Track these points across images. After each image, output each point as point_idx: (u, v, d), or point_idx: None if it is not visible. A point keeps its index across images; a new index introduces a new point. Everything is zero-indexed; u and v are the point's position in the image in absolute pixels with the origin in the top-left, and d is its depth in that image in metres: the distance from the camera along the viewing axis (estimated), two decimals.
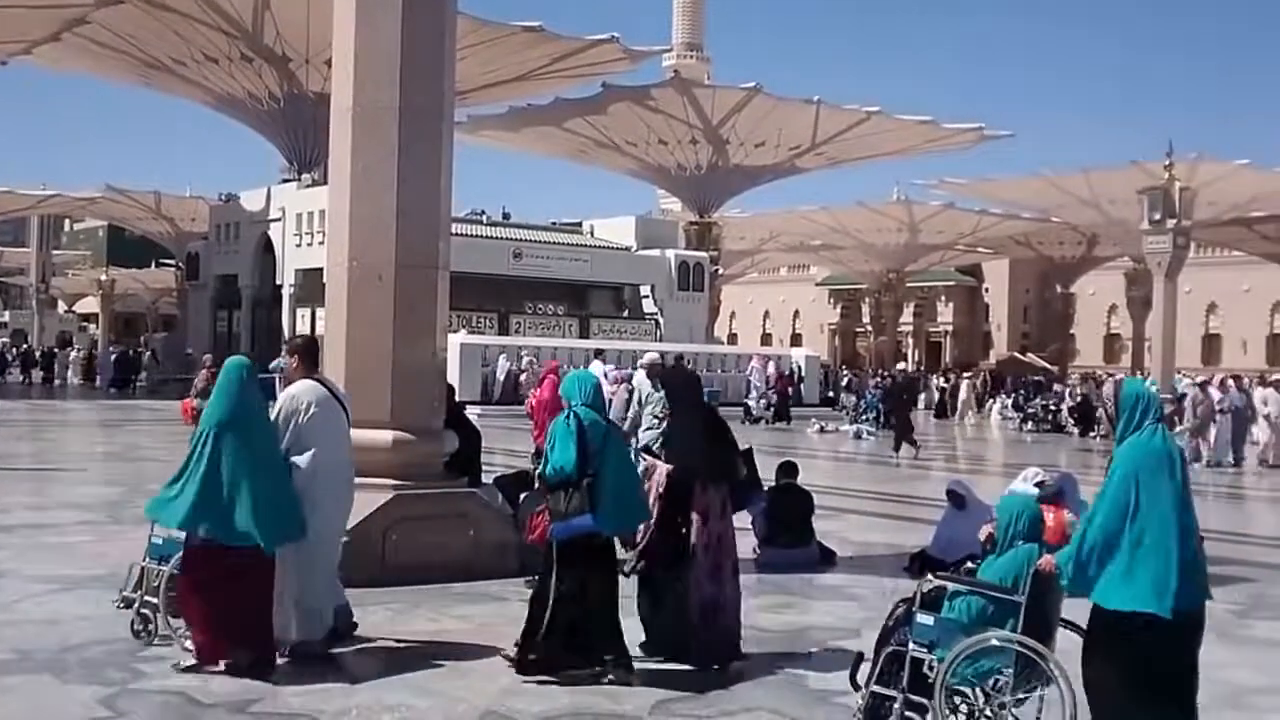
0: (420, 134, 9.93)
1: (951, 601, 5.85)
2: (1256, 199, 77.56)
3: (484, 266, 46.78)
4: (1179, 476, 5.35)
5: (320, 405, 7.45)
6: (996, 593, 5.73)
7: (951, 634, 5.69)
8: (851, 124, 61.55)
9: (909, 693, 5.70)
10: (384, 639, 7.90)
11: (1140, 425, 5.42)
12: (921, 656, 5.71)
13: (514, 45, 52.29)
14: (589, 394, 7.25)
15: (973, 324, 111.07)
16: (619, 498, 7.03)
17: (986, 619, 5.71)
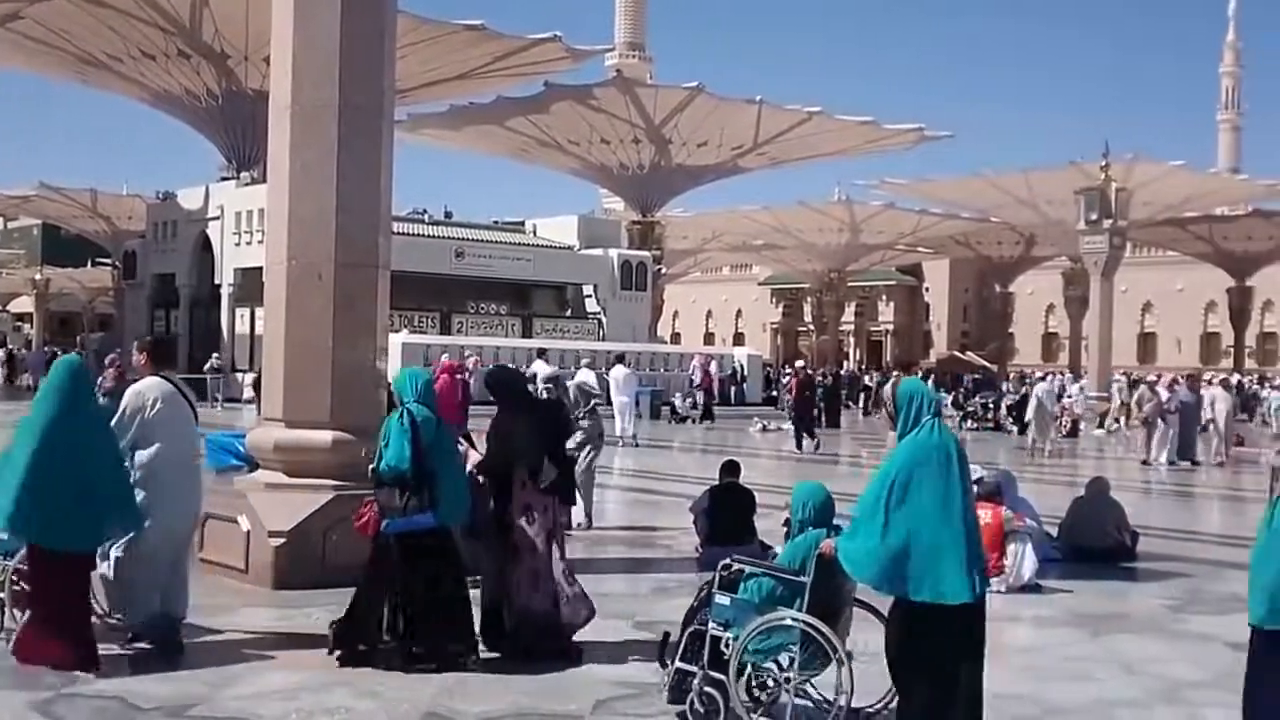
0: (360, 132, 9.86)
1: (746, 583, 6.22)
2: (1190, 199, 78.76)
3: (426, 266, 46.54)
4: (955, 469, 5.58)
5: (165, 401, 7.56)
6: (784, 574, 6.13)
7: (745, 613, 6.06)
8: (793, 124, 61.84)
9: (708, 669, 6.07)
10: (324, 640, 7.83)
11: (918, 421, 5.65)
12: (719, 635, 6.08)
13: (455, 44, 52.06)
14: (421, 390, 7.44)
15: (913, 323, 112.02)
16: (454, 491, 7.33)
17: (776, 599, 6.09)
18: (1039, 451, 27.07)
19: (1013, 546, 10.36)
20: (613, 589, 9.86)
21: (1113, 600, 10.30)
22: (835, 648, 5.89)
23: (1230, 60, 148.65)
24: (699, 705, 6.12)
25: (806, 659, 5.97)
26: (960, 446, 5.79)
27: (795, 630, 5.94)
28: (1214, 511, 18.67)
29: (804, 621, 5.92)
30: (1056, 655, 8.27)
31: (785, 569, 6.19)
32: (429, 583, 7.22)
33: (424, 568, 7.22)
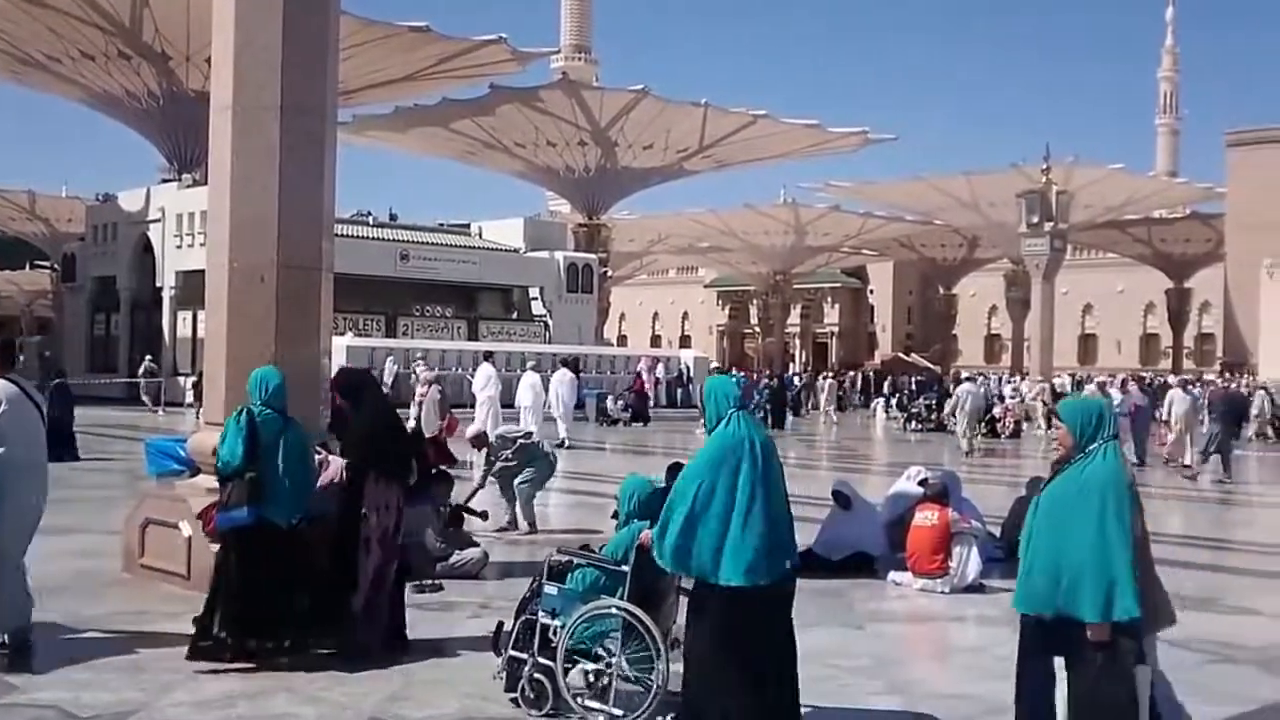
0: (302, 133, 9.78)
1: (573, 573, 6.59)
2: (1129, 202, 79.86)
3: (370, 268, 46.31)
4: (760, 462, 5.82)
5: (11, 403, 7.50)
6: (607, 565, 6.49)
7: (571, 602, 6.41)
8: (738, 127, 62.09)
9: (538, 656, 6.42)
10: None
11: (724, 417, 5.91)
12: (548, 623, 6.44)
13: (400, 45, 51.82)
14: (267, 392, 7.68)
15: (858, 325, 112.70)
16: (292, 489, 7.51)
17: (600, 588, 6.43)
18: (961, 451, 27.22)
19: (958, 548, 10.44)
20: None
21: None
22: (653, 634, 6.11)
23: (1168, 65, 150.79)
24: (529, 691, 6.43)
25: (635, 645, 6.18)
26: (769, 439, 6.03)
27: (617, 618, 6.20)
28: (1161, 511, 18.88)
29: (624, 609, 6.18)
30: (1000, 654, 8.30)
31: (608, 559, 6.52)
32: (245, 578, 7.38)
33: (246, 562, 7.40)
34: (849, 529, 11.31)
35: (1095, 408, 5.38)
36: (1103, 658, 4.92)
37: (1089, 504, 5.01)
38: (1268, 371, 68.89)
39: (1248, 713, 6.94)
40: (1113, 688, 4.92)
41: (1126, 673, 4.91)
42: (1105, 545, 4.92)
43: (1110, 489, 5.03)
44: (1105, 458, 5.14)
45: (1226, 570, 12.29)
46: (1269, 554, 13.63)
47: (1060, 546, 5.02)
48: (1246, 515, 19.12)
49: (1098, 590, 4.90)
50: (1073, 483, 5.14)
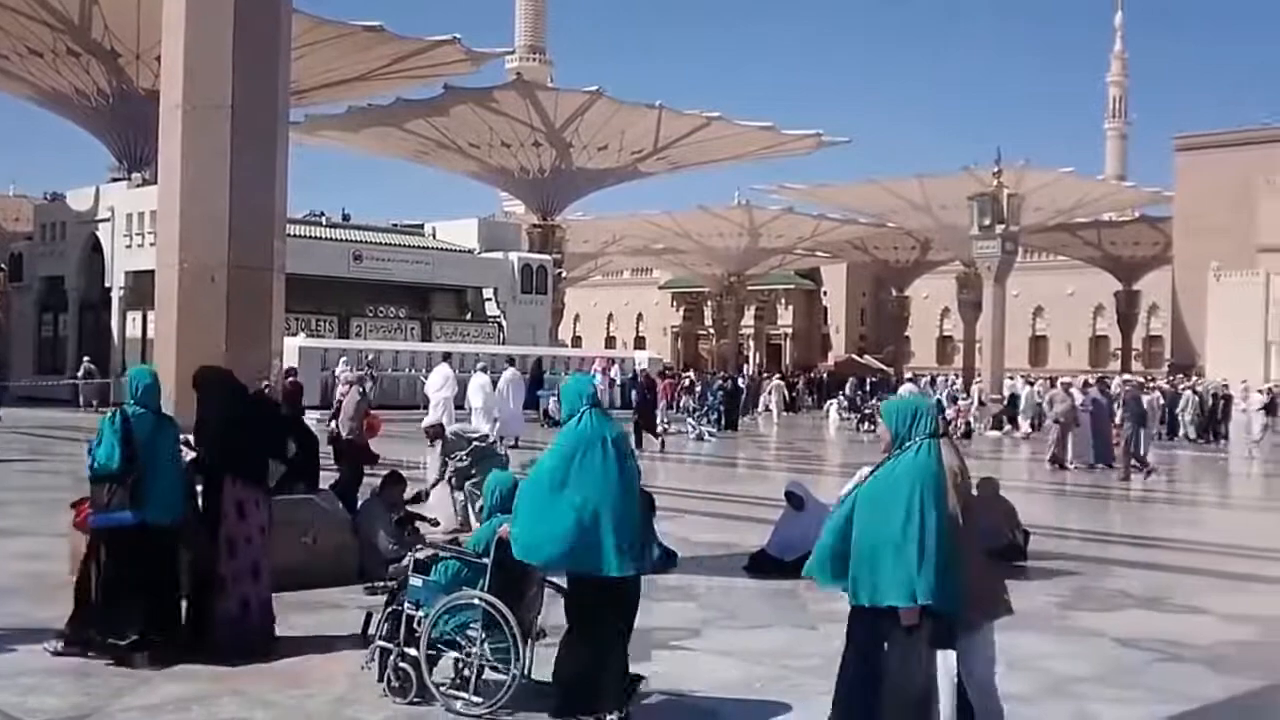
0: (253, 132, 9.72)
1: (437, 566, 6.81)
2: (1079, 206, 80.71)
3: (323, 268, 46.02)
4: (612, 455, 6.21)
5: None
6: (469, 557, 6.74)
7: (435, 594, 6.63)
8: (693, 129, 62.17)
9: (403, 645, 6.62)
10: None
11: (576, 413, 6.31)
12: (413, 614, 6.65)
13: (354, 45, 51.55)
14: (139, 393, 7.73)
15: (812, 326, 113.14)
16: (169, 489, 7.59)
17: (462, 580, 6.67)
18: None
19: None
20: None
21: None
22: (510, 624, 6.36)
23: (1117, 70, 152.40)
24: (394, 680, 6.63)
25: (497, 635, 6.43)
26: (622, 436, 6.42)
27: (478, 608, 6.46)
28: (1100, 510, 19.09)
29: (484, 600, 6.44)
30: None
31: (470, 552, 6.78)
32: (117, 577, 7.44)
33: (118, 562, 7.44)
34: (802, 530, 11.33)
35: (912, 407, 5.58)
36: (909, 640, 5.13)
37: (900, 496, 5.21)
38: (1215, 373, 69.80)
39: (1195, 710, 7.02)
40: (916, 670, 5.11)
41: (930, 656, 5.09)
42: (914, 535, 5.12)
43: (921, 482, 5.22)
44: (919, 453, 5.32)
45: (1174, 570, 12.44)
46: (1215, 553, 13.81)
47: (875, 536, 5.23)
48: (1192, 515, 19.36)
49: (906, 577, 5.10)
50: (887, 476, 5.37)
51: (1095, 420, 24.95)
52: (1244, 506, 21.48)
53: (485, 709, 6.39)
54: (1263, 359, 78.47)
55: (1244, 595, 10.85)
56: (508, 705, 6.36)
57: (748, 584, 10.71)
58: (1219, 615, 9.82)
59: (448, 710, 6.46)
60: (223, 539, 7.70)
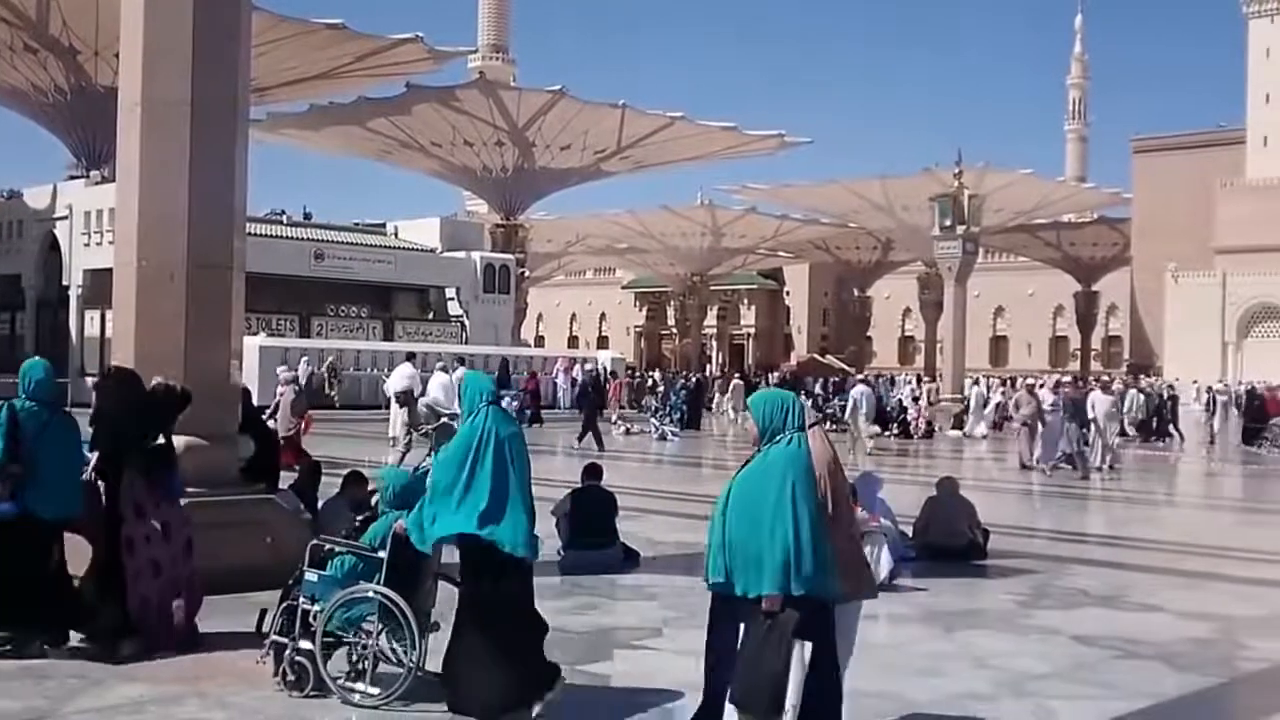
0: (213, 130, 9.65)
1: (333, 560, 6.91)
2: (1040, 207, 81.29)
3: (284, 267, 45.82)
4: (506, 448, 6.37)
5: None
6: (365, 552, 6.84)
7: (331, 588, 6.73)
8: (656, 129, 62.24)
9: (298, 639, 6.70)
10: (173, 651, 7.63)
11: (475, 408, 6.45)
12: (308, 608, 6.73)
13: (315, 42, 51.33)
14: (31, 387, 7.76)
15: (774, 326, 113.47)
16: (59, 483, 7.57)
17: (359, 574, 6.77)
18: (864, 451, 27.33)
19: (869, 547, 10.50)
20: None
21: (965, 597, 10.55)
22: (407, 616, 6.48)
23: (1077, 73, 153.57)
24: (290, 674, 6.69)
25: (393, 628, 6.55)
26: (518, 433, 6.59)
27: (374, 601, 6.57)
28: (1062, 510, 19.22)
29: (380, 593, 6.55)
30: (912, 652, 8.44)
31: (366, 546, 6.86)
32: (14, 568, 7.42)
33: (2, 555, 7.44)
34: None
35: (780, 400, 5.69)
36: (769, 628, 5.24)
37: (770, 489, 5.34)
38: (1172, 372, 70.49)
39: (1153, 707, 7.08)
40: (772, 655, 5.22)
41: (787, 643, 5.21)
42: (783, 527, 5.25)
43: (791, 475, 5.35)
44: (788, 445, 5.46)
45: (1131, 568, 12.54)
46: (1172, 552, 13.94)
47: (745, 528, 5.34)
48: (1150, 513, 19.53)
49: (773, 568, 5.22)
50: (757, 468, 5.50)
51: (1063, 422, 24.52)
52: (1199, 505, 21.68)
53: (381, 700, 6.48)
54: (1220, 359, 79.32)
55: (1200, 593, 10.95)
56: (404, 696, 6.48)
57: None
58: (1175, 613, 9.91)
59: (344, 702, 6.55)
60: (123, 537, 7.67)
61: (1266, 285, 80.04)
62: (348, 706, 6.54)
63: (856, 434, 28.29)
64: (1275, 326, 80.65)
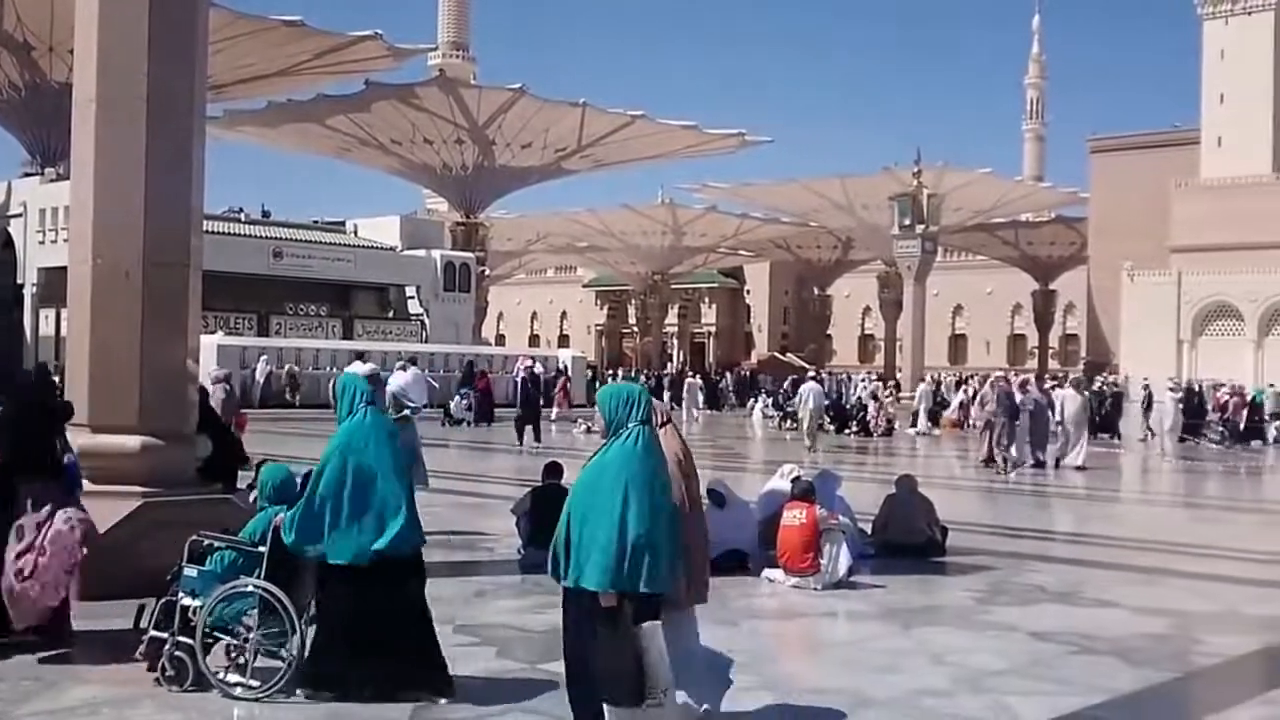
0: (169, 127, 9.57)
1: (212, 555, 6.98)
2: (998, 206, 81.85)
3: (242, 265, 45.52)
4: (385, 447, 6.62)
5: None
6: (244, 546, 6.93)
7: (210, 583, 6.80)
8: (616, 127, 62.25)
9: (178, 635, 6.74)
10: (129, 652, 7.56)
11: (353, 409, 6.65)
12: (188, 604, 6.79)
13: (273, 39, 51.03)
14: None
15: (735, 325, 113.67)
16: None
17: (238, 568, 6.86)
18: (812, 449, 27.48)
19: (828, 545, 10.57)
20: (437, 593, 9.75)
21: (923, 594, 10.61)
22: (288, 610, 6.56)
23: (1035, 73, 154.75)
24: (169, 669, 6.74)
25: (273, 621, 6.62)
26: (395, 431, 6.84)
27: (254, 595, 6.65)
28: (1023, 508, 19.36)
29: (261, 587, 6.64)
30: (870, 649, 8.48)
31: (245, 541, 6.95)
32: None
33: None
34: (723, 527, 11.38)
35: (624, 394, 5.73)
36: (613, 620, 5.31)
37: (610, 482, 5.41)
38: (1129, 370, 71.13)
39: (1108, 702, 7.14)
40: (624, 646, 5.29)
41: (632, 633, 5.28)
42: (619, 520, 5.29)
43: (631, 468, 5.41)
44: (630, 439, 5.50)
45: (1087, 564, 12.65)
46: (1128, 548, 14.07)
47: (585, 521, 5.40)
48: (1104, 510, 19.70)
49: (609, 561, 5.28)
50: (599, 462, 5.57)
51: (1034, 419, 24.53)
52: (1152, 501, 21.89)
53: (262, 692, 6.56)
54: (1175, 357, 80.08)
55: (1154, 589, 11.05)
56: (284, 688, 6.55)
57: None
58: (1130, 608, 10.00)
59: (225, 695, 6.60)
60: (15, 527, 7.63)
61: (1220, 284, 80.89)
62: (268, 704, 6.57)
63: (807, 430, 28.51)
64: (1229, 325, 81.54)
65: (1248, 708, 7.43)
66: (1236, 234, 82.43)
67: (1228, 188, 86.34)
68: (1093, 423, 35.58)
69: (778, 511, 11.13)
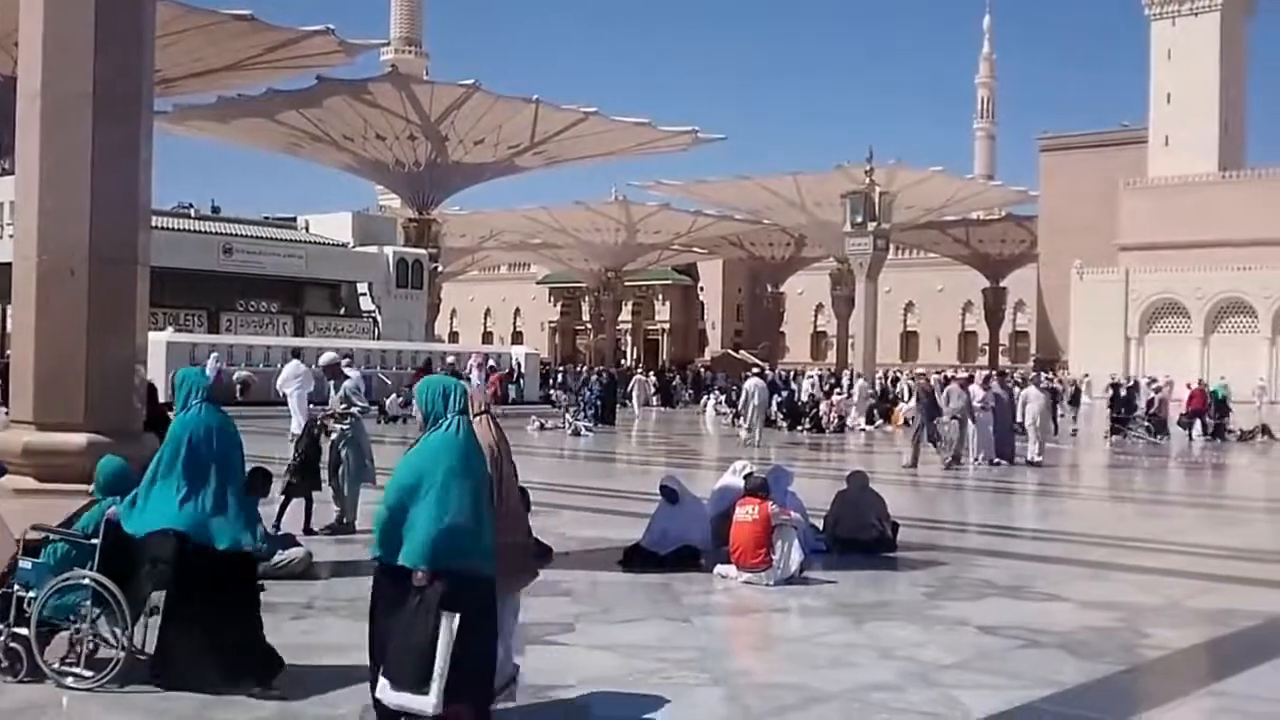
0: (116, 122, 9.45)
1: (46, 548, 7.05)
2: (949, 204, 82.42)
3: (192, 262, 45.14)
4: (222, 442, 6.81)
5: None
6: (78, 539, 6.99)
7: (44, 575, 6.89)
8: (570, 124, 62.11)
9: (13, 626, 6.83)
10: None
11: (187, 404, 6.81)
12: (23, 595, 6.87)
13: (224, 34, 50.52)
14: None
15: (689, 322, 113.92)
16: None
17: (71, 561, 6.94)
18: (752, 444, 27.61)
19: (779, 541, 10.62)
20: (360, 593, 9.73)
21: (874, 589, 10.67)
22: (120, 602, 6.68)
23: (986, 72, 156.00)
24: (4, 660, 6.85)
25: (108, 613, 6.75)
26: (226, 424, 6.99)
27: (89, 587, 6.76)
28: (976, 503, 19.50)
29: (94, 579, 6.75)
30: (821, 643, 8.53)
31: (79, 534, 7.02)
32: None
33: None
34: (676, 523, 11.44)
35: (441, 386, 6.00)
36: (418, 600, 5.55)
37: (428, 469, 5.68)
38: (1078, 367, 71.88)
39: (1054, 695, 7.22)
40: (420, 627, 5.53)
41: (435, 615, 5.50)
42: (435, 505, 5.58)
43: (447, 456, 5.70)
44: (447, 429, 5.80)
45: (1036, 559, 12.77)
46: (1075, 542, 14.23)
47: (401, 503, 5.66)
48: (1056, 506, 19.89)
49: (424, 542, 5.55)
50: (420, 450, 5.83)
51: (996, 416, 24.42)
52: (1101, 498, 22.11)
53: (95, 682, 6.65)
54: (1123, 354, 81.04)
55: (1101, 583, 11.18)
56: (117, 679, 6.64)
57: (622, 578, 10.75)
58: (1077, 602, 10.11)
59: (59, 686, 6.68)
60: None
61: (1167, 282, 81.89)
62: None
63: (750, 426, 28.74)
64: (1176, 322, 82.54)
65: (1192, 700, 7.53)
66: (1184, 232, 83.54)
67: (1175, 187, 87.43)
68: None
69: (731, 508, 11.17)
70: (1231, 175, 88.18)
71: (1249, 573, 12.27)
